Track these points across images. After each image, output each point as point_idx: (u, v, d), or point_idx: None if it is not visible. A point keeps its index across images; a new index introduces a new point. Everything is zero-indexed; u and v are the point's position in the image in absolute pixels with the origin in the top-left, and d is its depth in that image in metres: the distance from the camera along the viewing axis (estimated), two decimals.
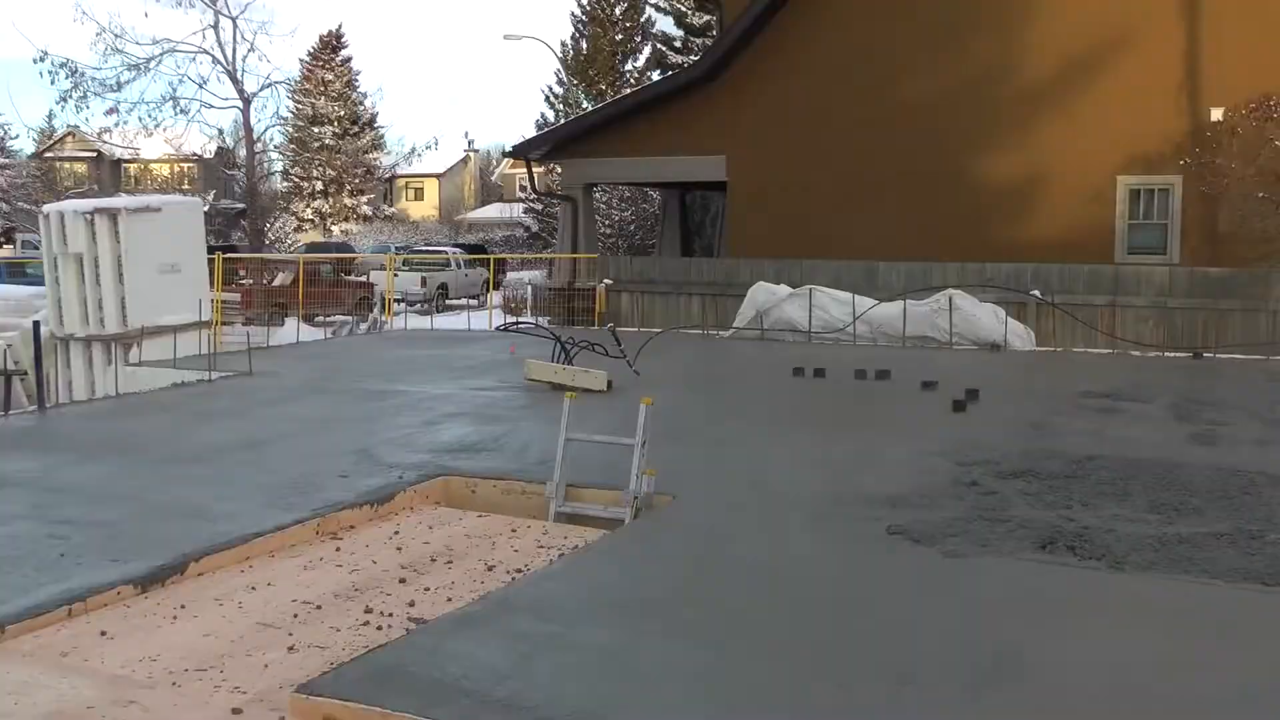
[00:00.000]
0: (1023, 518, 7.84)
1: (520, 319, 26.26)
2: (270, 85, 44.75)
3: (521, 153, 29.82)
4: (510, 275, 40.31)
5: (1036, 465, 9.57)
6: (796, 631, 5.84)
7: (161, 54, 41.68)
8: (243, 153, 46.91)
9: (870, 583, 6.68)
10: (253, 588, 6.90)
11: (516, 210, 61.33)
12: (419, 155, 59.90)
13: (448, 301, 38.05)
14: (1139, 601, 6.40)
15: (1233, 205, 22.19)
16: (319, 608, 6.56)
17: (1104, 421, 11.97)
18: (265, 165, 56.80)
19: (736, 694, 5.06)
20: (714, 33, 34.47)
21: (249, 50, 48.80)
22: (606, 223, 43.20)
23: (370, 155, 67.49)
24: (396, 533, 8.23)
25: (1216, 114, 23.16)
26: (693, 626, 5.89)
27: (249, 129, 44.61)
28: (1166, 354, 20.09)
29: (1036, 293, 21.94)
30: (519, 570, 7.32)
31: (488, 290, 36.37)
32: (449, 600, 6.67)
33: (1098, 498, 8.48)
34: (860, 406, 13.44)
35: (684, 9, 48.75)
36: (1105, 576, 6.73)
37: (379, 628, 6.24)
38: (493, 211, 74.14)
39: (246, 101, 43.33)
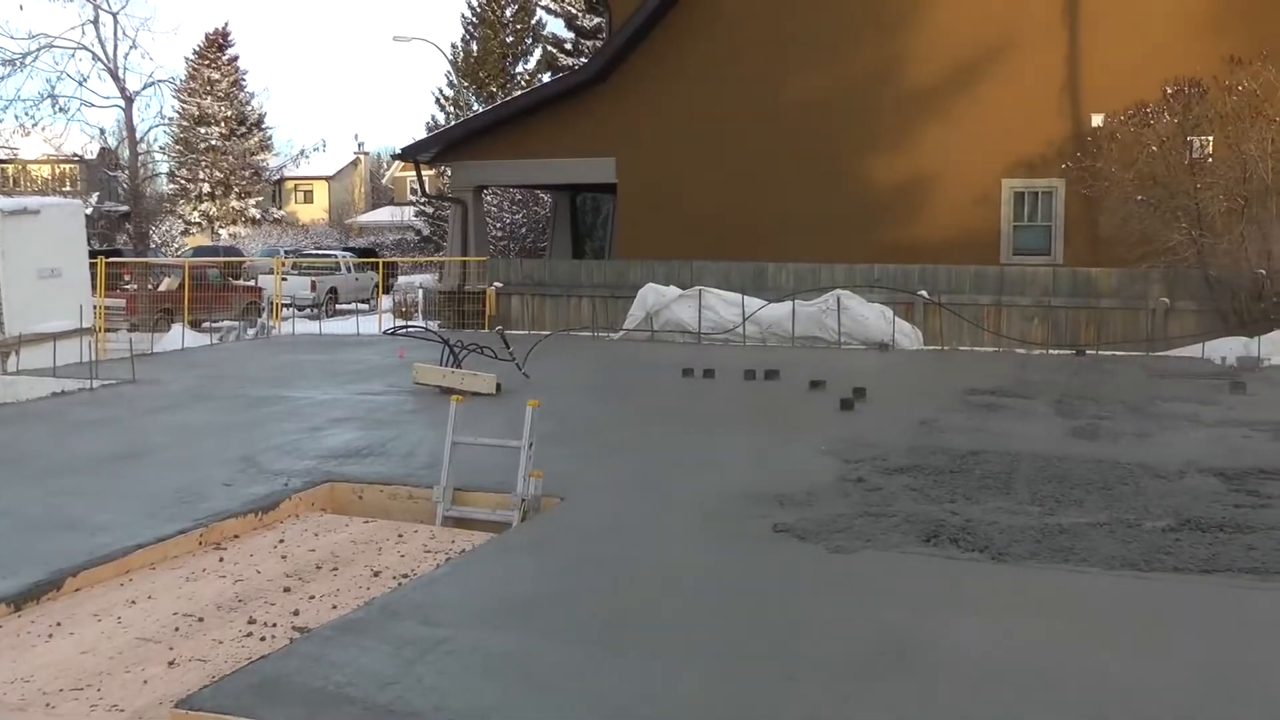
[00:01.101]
0: (907, 512, 7.93)
1: (410, 323, 26.11)
2: (154, 84, 44.22)
3: (411, 155, 29.58)
4: (401, 279, 39.99)
5: (922, 461, 9.69)
6: (682, 630, 5.84)
7: (38, 49, 40.80)
8: (126, 153, 46.11)
9: (757, 580, 6.70)
10: (132, 602, 6.73)
11: (408, 213, 60.77)
12: (306, 157, 59.37)
13: (338, 306, 37.65)
14: (1019, 591, 6.52)
15: (1113, 208, 22.64)
16: (201, 620, 6.44)
17: (988, 418, 12.16)
18: (150, 166, 55.97)
19: (621, 693, 5.05)
20: (605, 35, 34.50)
21: (131, 47, 48.31)
22: (498, 225, 43.00)
23: (258, 157, 66.59)
24: (281, 541, 8.11)
25: (1097, 120, 23.70)
26: (579, 627, 5.88)
27: (132, 129, 43.85)
28: (1050, 351, 20.49)
29: (924, 293, 22.25)
30: (405, 575, 7.25)
31: (378, 294, 36.07)
32: (334, 608, 6.59)
33: (981, 491, 8.61)
34: (749, 406, 13.49)
35: (574, 11, 48.66)
36: (987, 567, 6.85)
37: (262, 638, 6.14)
38: (384, 215, 73.39)
39: (129, 100, 42.57)
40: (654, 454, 10.50)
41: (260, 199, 68.03)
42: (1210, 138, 21.59)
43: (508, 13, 52.86)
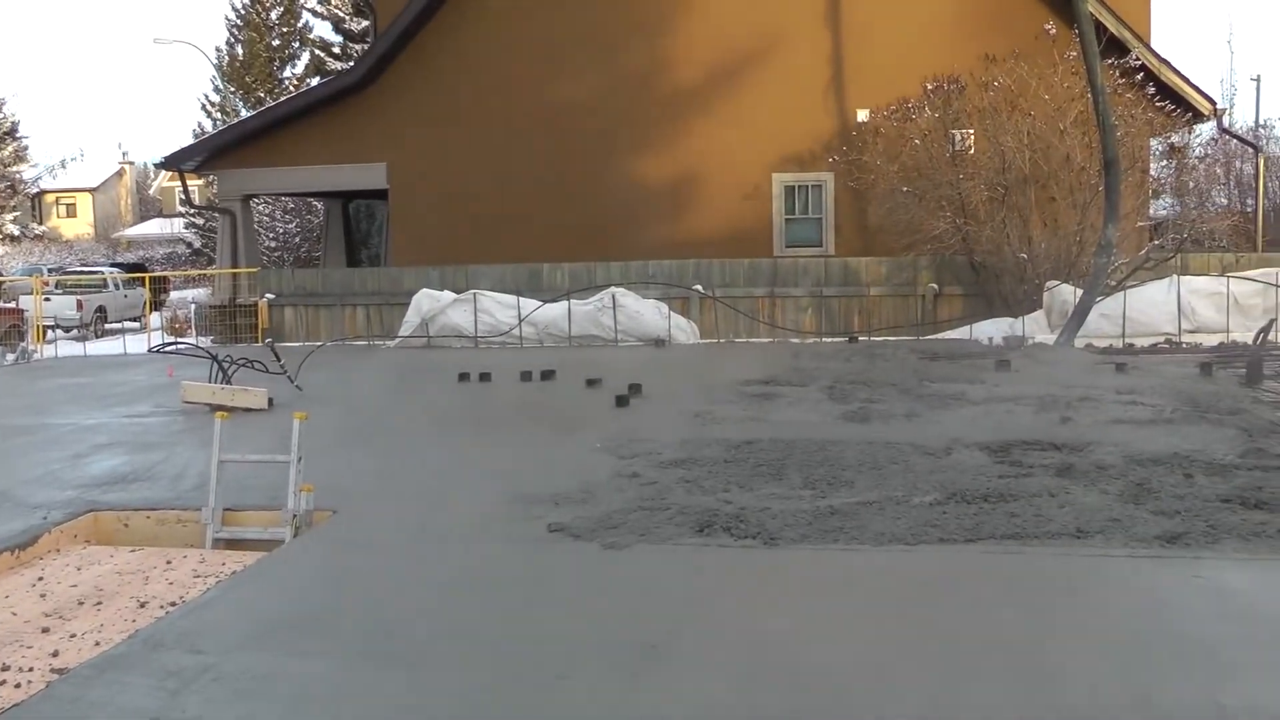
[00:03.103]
0: (682, 504, 7.93)
1: (180, 339, 25.29)
2: None
3: (175, 164, 28.55)
4: (174, 295, 38.76)
5: (696, 453, 9.71)
6: (452, 638, 5.75)
7: None
8: None
9: (529, 582, 6.64)
10: None
11: (178, 225, 58.82)
12: (64, 167, 57.15)
13: (106, 325, 36.28)
14: (791, 573, 6.62)
15: (880, 199, 23.31)
16: None
17: (762, 407, 12.29)
18: None
19: (385, 707, 4.95)
20: (371, 38, 34.01)
21: None
22: (271, 236, 42.08)
23: (13, 169, 63.61)
24: (40, 579, 7.72)
25: (862, 115, 24.39)
26: (347, 642, 5.72)
27: None
28: (824, 340, 20.90)
29: (699, 287, 22.47)
30: (173, 604, 7.00)
31: (148, 312, 34.85)
32: (97, 644, 6.31)
33: (754, 479, 8.67)
34: (525, 408, 13.41)
35: (342, 14, 47.86)
36: (760, 553, 6.91)
37: (17, 685, 5.82)
38: (153, 228, 70.99)
39: None
40: (429, 461, 10.36)
41: (18, 214, 65.06)
42: (971, 131, 22.29)
43: (273, 15, 51.64)
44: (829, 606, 6.03)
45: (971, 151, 22.35)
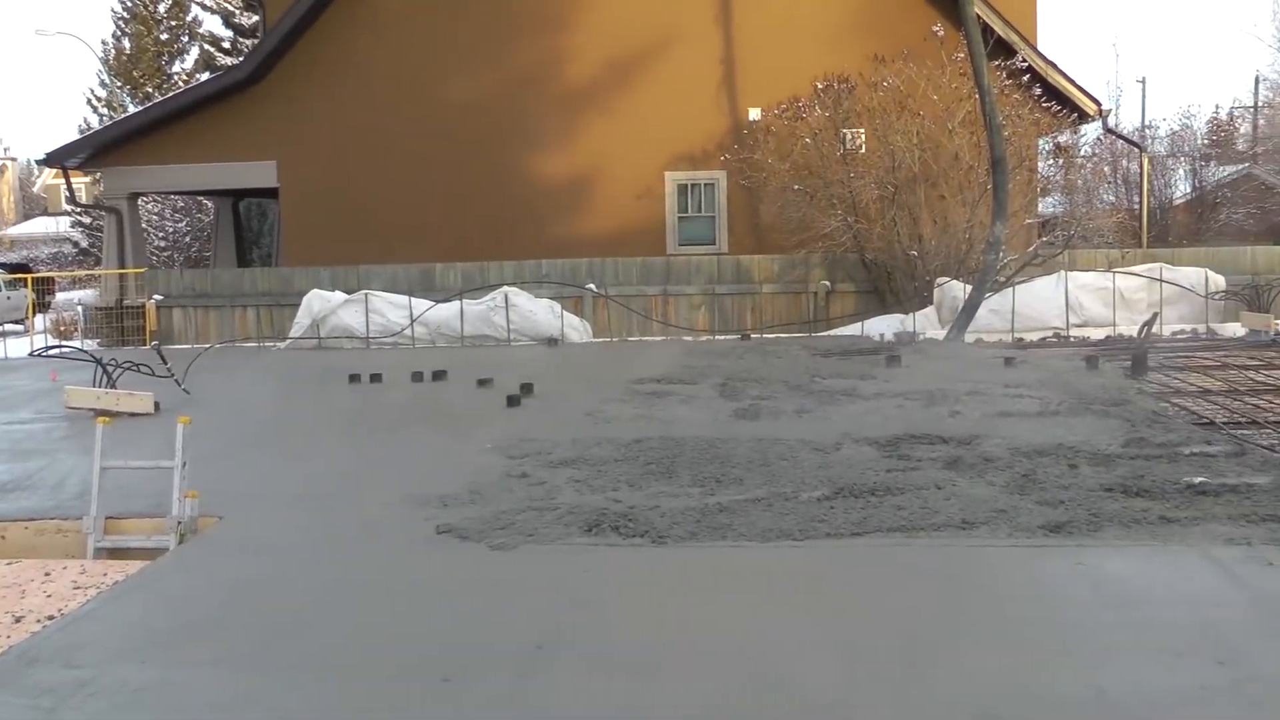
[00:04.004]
0: (571, 504, 7.88)
1: (66, 342, 24.76)
2: None
3: (59, 160, 27.79)
4: (60, 296, 37.92)
5: (586, 453, 9.67)
6: (335, 644, 5.64)
7: None
8: None
9: (416, 585, 6.55)
10: None
11: (63, 224, 57.59)
12: None
13: None
14: (679, 571, 6.60)
15: (771, 198, 23.47)
16: None
17: (654, 405, 12.27)
18: None
19: (274, 718, 4.84)
20: (261, 33, 33.53)
21: None
22: (160, 235, 41.36)
23: None
24: None
25: (754, 114, 24.48)
26: (230, 652, 5.59)
27: None
28: (717, 337, 20.97)
29: (592, 286, 22.44)
30: (51, 617, 6.75)
31: (32, 314, 34.08)
32: None
33: (644, 478, 8.64)
34: (416, 409, 13.28)
35: (231, 8, 47.06)
36: (648, 551, 6.89)
37: None
38: (37, 226, 69.36)
39: None
40: (318, 464, 10.20)
41: None
42: (861, 130, 22.50)
43: (161, 8, 50.60)
44: (716, 603, 6.02)
45: (862, 150, 22.56)
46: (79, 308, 30.79)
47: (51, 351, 17.65)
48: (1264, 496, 7.53)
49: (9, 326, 35.29)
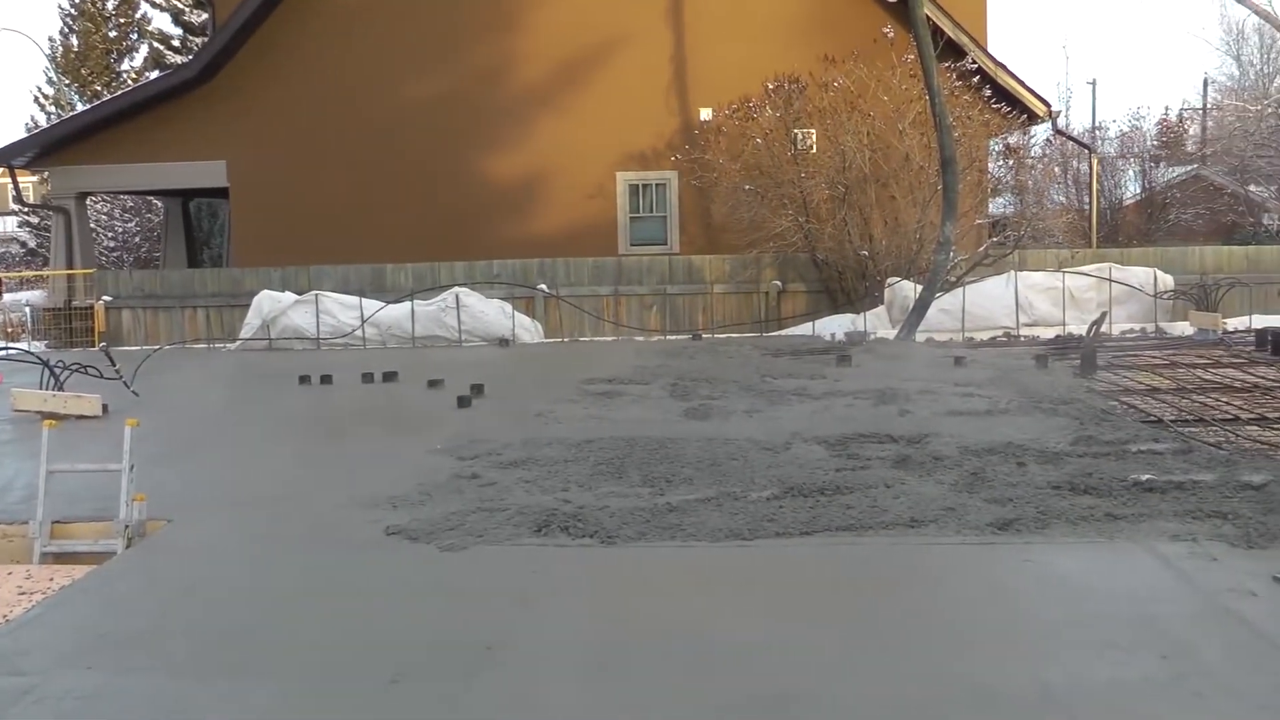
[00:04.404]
0: (521, 505, 7.86)
1: (12, 344, 24.50)
2: None
3: (4, 159, 27.39)
4: (7, 297, 37.52)
5: (536, 453, 9.64)
6: (286, 647, 5.61)
7: None
8: None
9: (365, 587, 6.51)
10: None
11: (11, 224, 56.97)
12: None
13: None
14: (628, 571, 6.60)
15: (723, 198, 23.53)
16: None
17: (605, 405, 12.26)
18: None
19: None
20: (211, 31, 33.28)
21: None
22: (110, 235, 41.02)
23: None
24: None
25: (705, 114, 24.52)
26: (178, 657, 5.54)
27: None
28: (668, 337, 20.98)
29: (543, 287, 22.41)
30: None
31: None
32: None
33: (594, 478, 8.63)
34: (366, 410, 13.21)
35: (181, 6, 46.60)
36: (597, 552, 6.88)
37: None
38: None
39: None
40: (267, 466, 10.14)
41: None
42: (812, 131, 22.57)
43: (109, 5, 50.09)
44: (665, 603, 6.02)
45: (813, 151, 22.63)
46: (26, 309, 30.45)
47: None
48: (1210, 493, 7.61)
49: None
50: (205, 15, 41.41)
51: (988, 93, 23.35)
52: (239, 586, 6.61)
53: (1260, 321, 19.44)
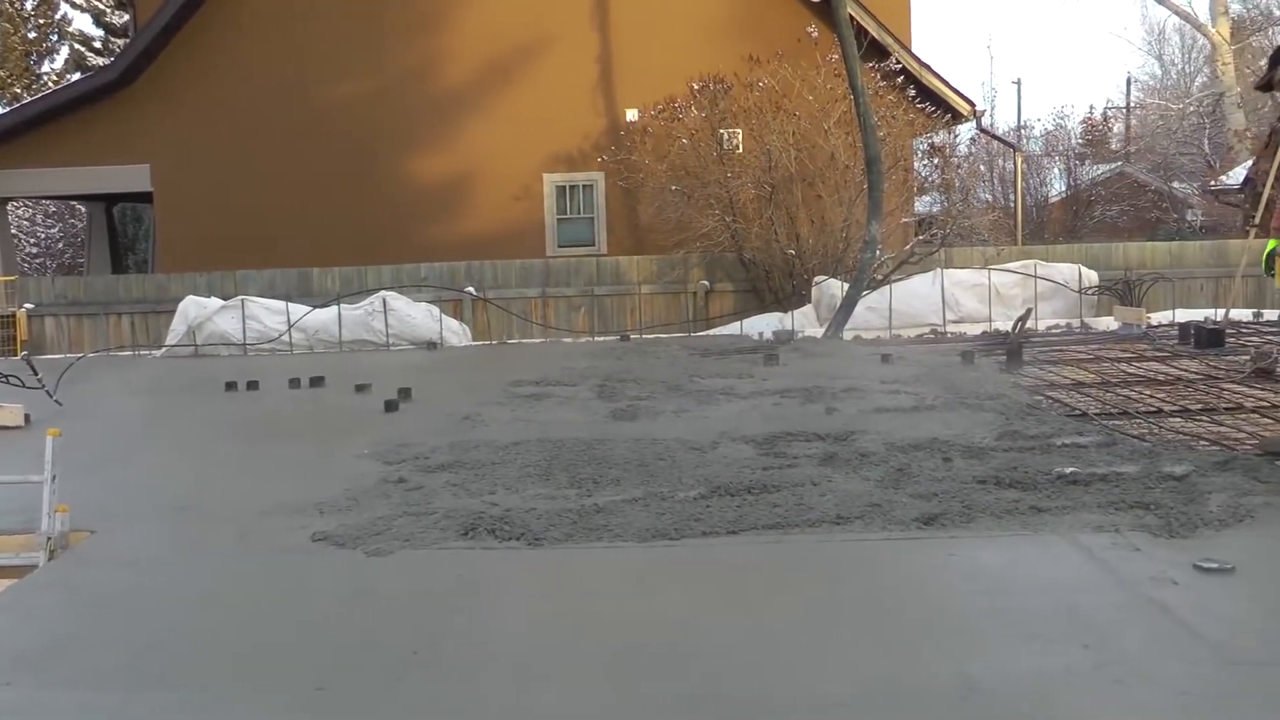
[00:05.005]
0: (448, 508, 7.80)
1: None
2: None
3: None
4: None
5: (464, 456, 9.59)
6: (213, 656, 5.52)
7: None
8: None
9: (291, 594, 6.44)
10: None
11: None
12: None
13: None
14: (554, 572, 6.57)
15: (649, 198, 23.60)
16: None
17: (533, 408, 12.22)
18: None
19: None
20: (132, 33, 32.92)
21: None
22: (32, 241, 40.51)
23: None
24: None
25: (631, 114, 24.62)
26: (103, 668, 5.43)
27: None
28: (596, 338, 20.97)
29: (471, 289, 22.36)
30: None
31: None
32: None
33: (521, 481, 8.59)
34: (293, 416, 13.13)
35: (102, 7, 46.15)
36: (524, 554, 6.84)
37: None
38: None
39: None
40: (193, 474, 9.99)
41: None
42: (738, 131, 22.66)
43: (29, 5, 49.37)
44: (592, 604, 6.01)
45: (739, 151, 22.73)
46: None
47: None
48: (1133, 484, 7.68)
49: None
50: (127, 17, 41.06)
51: (912, 92, 23.57)
52: (162, 597, 6.51)
53: (1183, 316, 19.73)
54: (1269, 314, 20.05)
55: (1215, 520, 6.85)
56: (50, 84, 46.89)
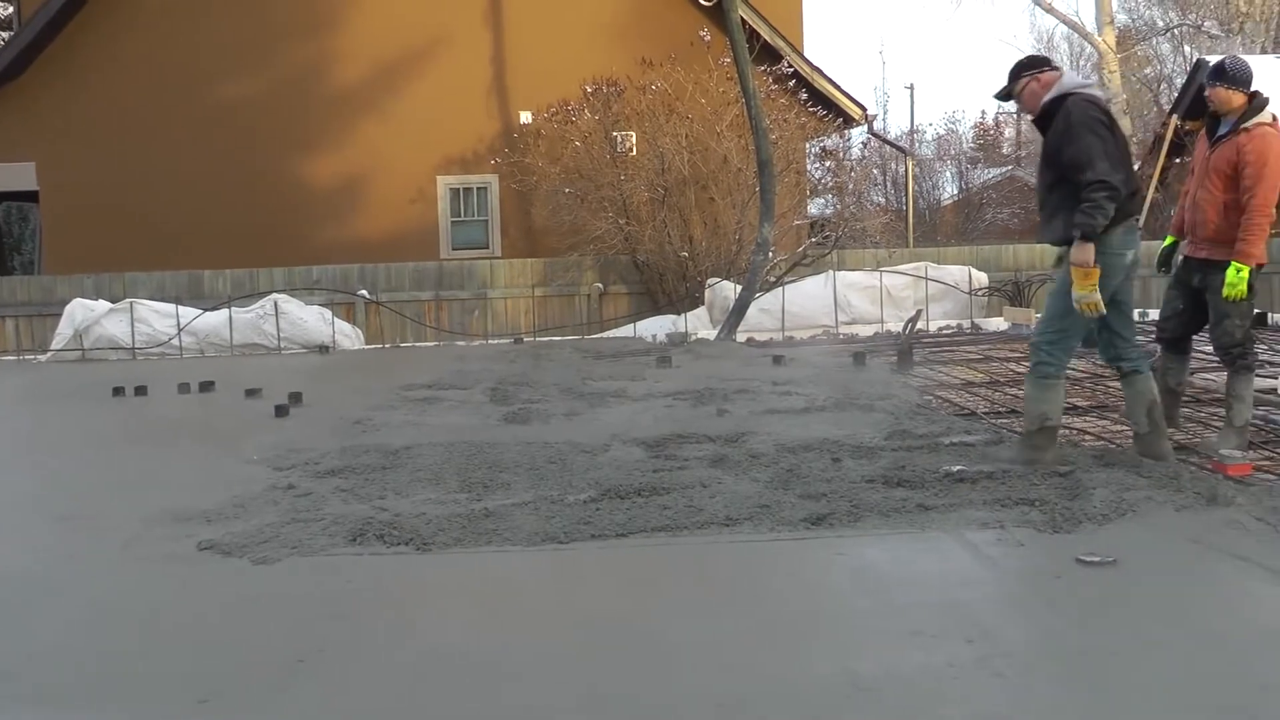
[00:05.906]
0: (337, 514, 7.73)
1: None
2: None
3: None
4: None
5: (354, 461, 9.51)
6: (94, 669, 5.39)
7: None
8: None
9: (177, 604, 6.32)
10: None
11: None
12: None
13: None
14: (442, 577, 6.54)
15: (543, 201, 23.61)
16: None
17: (424, 411, 12.17)
18: None
19: None
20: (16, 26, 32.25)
21: None
22: None
23: None
24: None
25: (525, 117, 24.57)
26: None
27: None
28: (490, 341, 20.91)
29: (364, 292, 22.21)
30: None
31: None
32: None
33: (411, 485, 8.54)
34: (181, 421, 12.91)
35: None
36: (413, 559, 6.79)
37: None
38: None
39: None
40: (76, 482, 9.82)
41: None
42: (631, 133, 22.73)
43: None
44: (479, 608, 5.99)
45: (633, 153, 22.81)
46: None
47: None
48: (1019, 482, 7.79)
49: None
50: (10, 9, 40.13)
51: (804, 96, 23.77)
52: (42, 609, 6.35)
53: None
54: (1152, 314, 20.46)
55: (1098, 515, 6.98)
56: None
